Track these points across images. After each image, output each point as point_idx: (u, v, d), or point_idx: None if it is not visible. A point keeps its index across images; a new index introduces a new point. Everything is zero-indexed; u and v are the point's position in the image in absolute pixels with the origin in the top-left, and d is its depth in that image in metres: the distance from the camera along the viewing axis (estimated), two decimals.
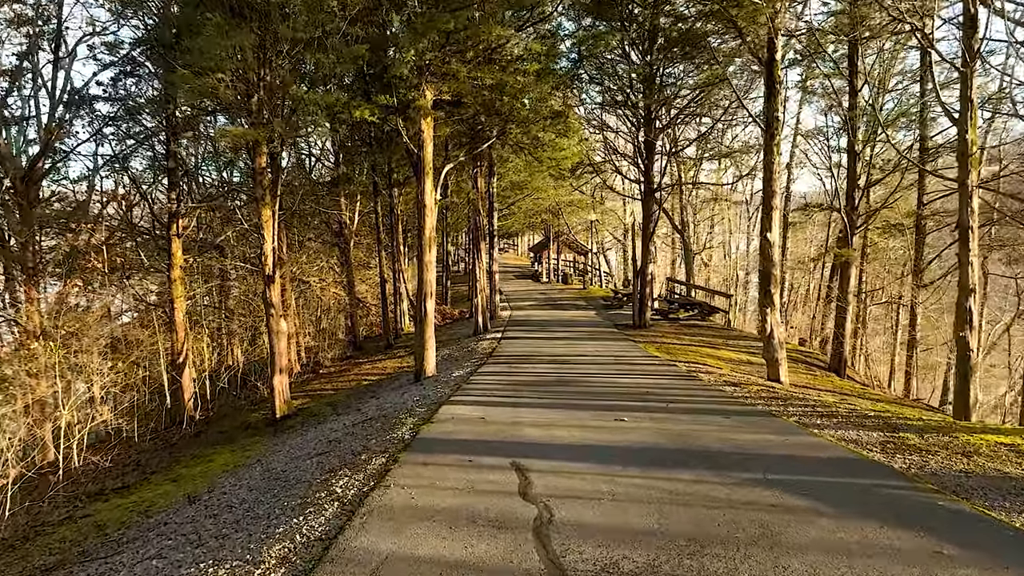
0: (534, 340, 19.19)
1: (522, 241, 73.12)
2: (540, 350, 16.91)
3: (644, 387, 11.03)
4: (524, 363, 14.64)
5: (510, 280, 42.63)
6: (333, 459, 7.57)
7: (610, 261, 47.71)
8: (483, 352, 17.54)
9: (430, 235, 14.45)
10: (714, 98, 21.31)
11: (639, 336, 20.12)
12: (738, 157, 27.67)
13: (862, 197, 17.04)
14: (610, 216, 42.00)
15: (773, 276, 12.88)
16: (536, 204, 36.51)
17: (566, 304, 29.43)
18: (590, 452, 6.83)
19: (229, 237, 23.46)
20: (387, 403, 12.24)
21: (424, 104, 12.60)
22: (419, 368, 14.79)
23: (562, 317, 25.16)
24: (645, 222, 21.86)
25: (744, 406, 9.36)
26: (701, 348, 18.32)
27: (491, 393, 10.92)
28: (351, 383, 17.76)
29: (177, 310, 17.58)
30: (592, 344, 18.04)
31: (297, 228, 27.12)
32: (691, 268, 30.58)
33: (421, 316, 14.63)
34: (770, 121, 12.63)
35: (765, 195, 12.84)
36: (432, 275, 14.63)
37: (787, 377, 13.05)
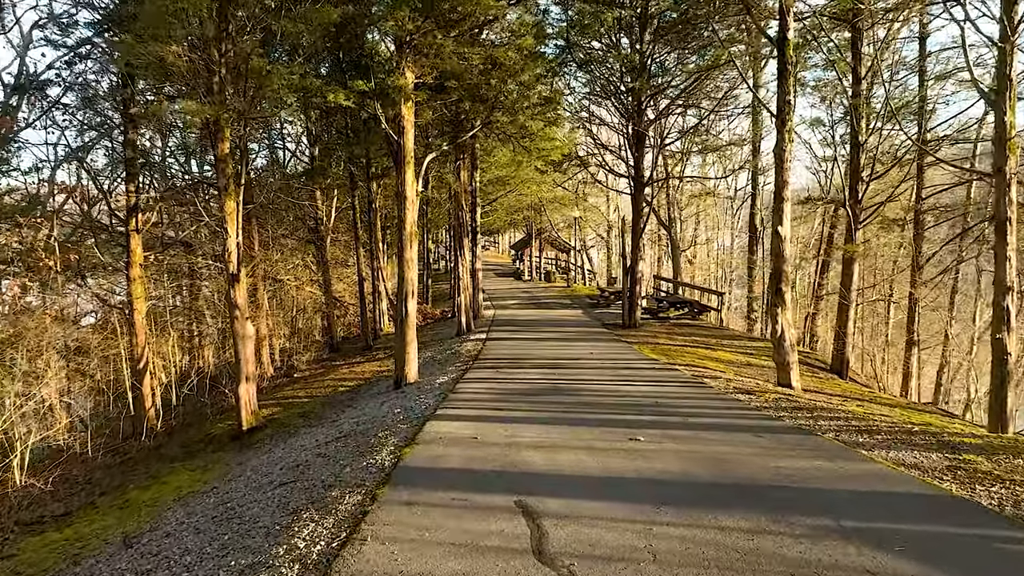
0: (521, 341, 17.95)
1: (503, 239, 71.81)
2: (529, 352, 15.67)
3: (650, 396, 9.83)
4: (513, 368, 13.37)
5: (492, 278, 41.34)
6: (299, 494, 6.23)
7: (592, 259, 46.61)
8: (468, 355, 16.25)
9: (411, 229, 13.11)
10: (706, 88, 20.22)
11: (631, 336, 18.97)
12: (726, 151, 26.76)
13: (866, 190, 16.01)
14: (593, 213, 40.88)
15: (784, 274, 11.75)
16: (519, 200, 35.27)
17: (551, 303, 28.22)
18: (610, 485, 5.59)
19: (197, 233, 21.88)
20: (365, 415, 10.89)
21: (404, 84, 11.26)
22: (400, 374, 13.46)
23: (548, 316, 23.94)
24: (635, 217, 20.71)
25: (770, 419, 8.19)
26: (697, 349, 17.21)
27: (481, 405, 9.64)
28: (327, 389, 16.35)
29: (137, 311, 16.01)
30: (583, 345, 16.83)
31: (271, 224, 25.54)
32: (678, 265, 29.55)
33: (402, 317, 13.29)
34: (782, 106, 11.47)
35: (777, 186, 11.69)
36: (414, 273, 13.30)
37: (799, 382, 11.94)
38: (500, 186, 31.48)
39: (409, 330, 13.29)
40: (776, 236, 11.76)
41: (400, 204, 13.06)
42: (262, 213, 25.72)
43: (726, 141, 26.01)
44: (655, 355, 15.38)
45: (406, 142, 12.82)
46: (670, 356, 15.48)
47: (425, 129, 17.38)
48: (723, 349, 17.71)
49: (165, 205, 20.25)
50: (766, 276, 28.54)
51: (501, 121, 14.51)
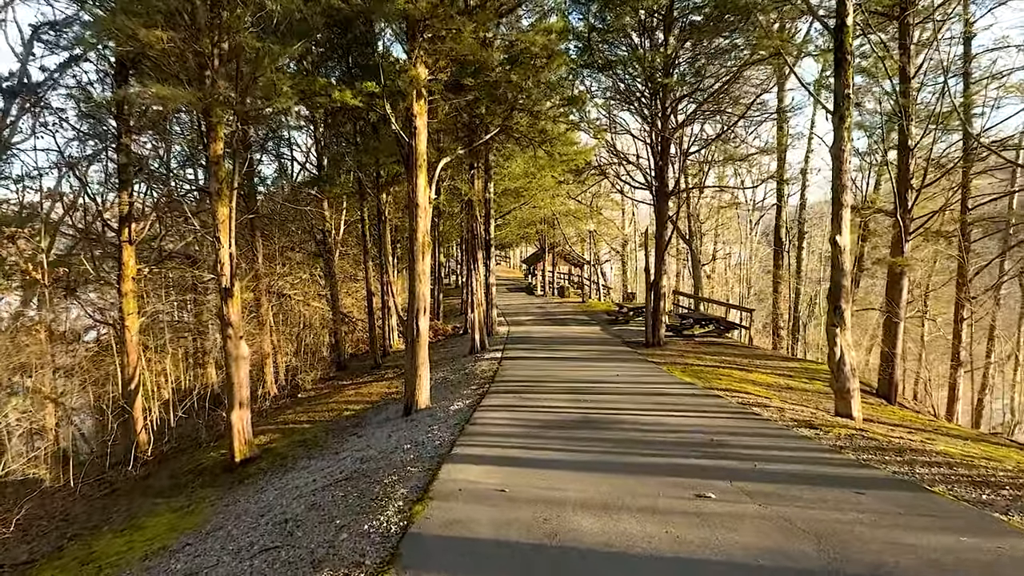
0: (539, 361, 16.50)
1: (515, 253, 70.45)
2: (549, 374, 14.22)
3: (701, 430, 8.36)
4: (534, 392, 11.92)
5: (504, 293, 39.92)
6: (280, 570, 4.79)
7: (606, 274, 45.16)
8: (483, 376, 14.82)
9: (423, 240, 11.74)
10: (733, 93, 18.83)
11: (656, 356, 17.48)
12: (752, 160, 25.35)
13: (916, 198, 14.51)
14: (608, 226, 39.45)
15: (844, 289, 10.25)
16: (532, 214, 33.92)
17: (567, 319, 26.75)
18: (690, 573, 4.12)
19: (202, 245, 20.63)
20: (370, 448, 9.46)
21: (416, 76, 9.92)
22: (410, 399, 12.03)
23: (565, 333, 22.46)
24: (659, 229, 19.28)
25: (855, 465, 6.69)
26: (731, 371, 15.69)
27: (504, 440, 8.18)
28: (331, 413, 14.92)
29: (128, 328, 14.67)
30: (608, 366, 15.37)
31: (276, 237, 24.28)
32: (699, 280, 28.05)
33: (413, 336, 11.89)
34: (840, 101, 10.05)
35: (835, 191, 10.23)
36: (426, 287, 11.91)
37: (860, 411, 10.41)
38: (514, 198, 30.15)
39: (421, 350, 11.88)
40: (835, 247, 10.27)
41: (411, 212, 11.71)
42: (267, 225, 24.50)
43: (753, 149, 24.61)
44: (688, 378, 13.90)
45: (418, 144, 11.49)
46: (705, 379, 13.99)
47: (438, 134, 16.06)
48: (758, 370, 16.18)
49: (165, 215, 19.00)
50: (792, 291, 27.01)
51: (521, 124, 13.15)
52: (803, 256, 26.31)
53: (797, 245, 26.29)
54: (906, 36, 14.41)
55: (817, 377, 16.19)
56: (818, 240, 28.98)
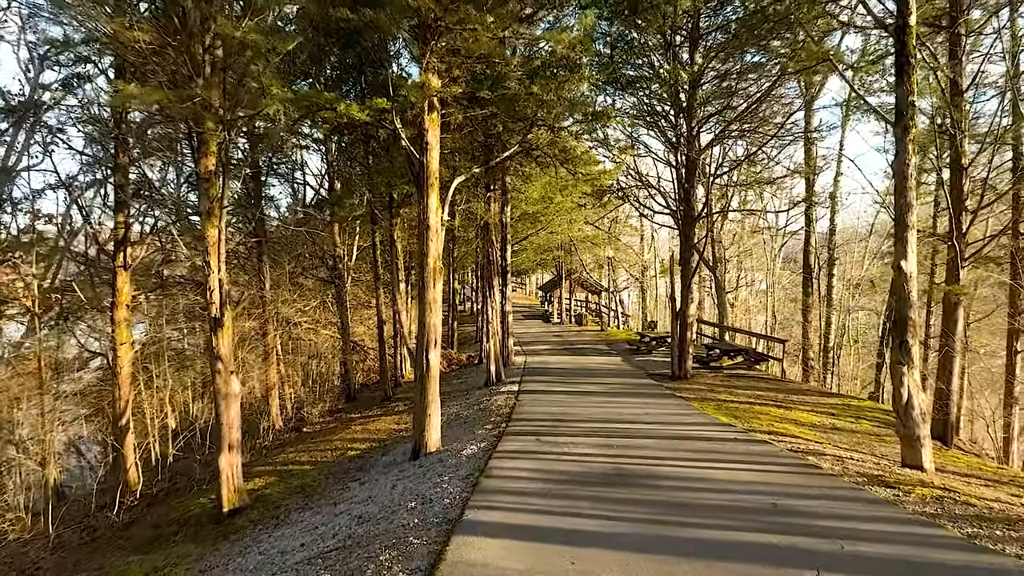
0: (560, 395, 15.17)
1: (531, 280, 69.26)
2: (571, 411, 12.89)
3: (757, 489, 7.00)
4: (556, 433, 10.60)
5: (520, 321, 38.64)
6: None
7: (624, 301, 43.74)
8: (500, 412, 13.53)
9: (435, 264, 10.56)
10: (763, 112, 17.65)
11: (684, 390, 16.08)
12: (782, 183, 24.10)
13: (972, 222, 13.14)
14: (626, 253, 38.16)
15: (911, 322, 8.89)
16: (549, 240, 32.76)
17: (586, 349, 25.37)
18: None
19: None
20: (371, 503, 8.18)
21: (428, 83, 8.83)
22: (419, 441, 10.75)
23: (585, 364, 21.09)
24: (684, 255, 18.01)
25: (967, 547, 5.30)
26: (768, 408, 14.24)
27: (525, 502, 6.86)
28: (334, 452, 13.65)
29: (121, 358, 13.58)
30: (634, 402, 14.02)
31: (287, 263, 23.28)
32: (724, 308, 26.59)
33: (423, 371, 10.65)
34: (903, 110, 8.81)
35: (898, 211, 8.94)
36: (437, 317, 10.69)
37: (932, 462, 8.97)
38: (531, 223, 29.05)
39: (431, 387, 10.63)
40: (899, 274, 8.94)
41: (422, 234, 10.56)
42: (277, 250, 23.54)
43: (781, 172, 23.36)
44: (724, 417, 12.50)
45: (430, 162, 10.38)
46: (742, 419, 12.58)
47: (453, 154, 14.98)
48: (797, 408, 14.72)
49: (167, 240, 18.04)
50: (822, 321, 25.48)
51: (541, 141, 12.01)
52: (833, 283, 24.84)
53: (827, 272, 24.84)
54: (957, 46, 13.19)
55: (863, 415, 14.70)
56: (848, 267, 27.50)
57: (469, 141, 13.78)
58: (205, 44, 8.60)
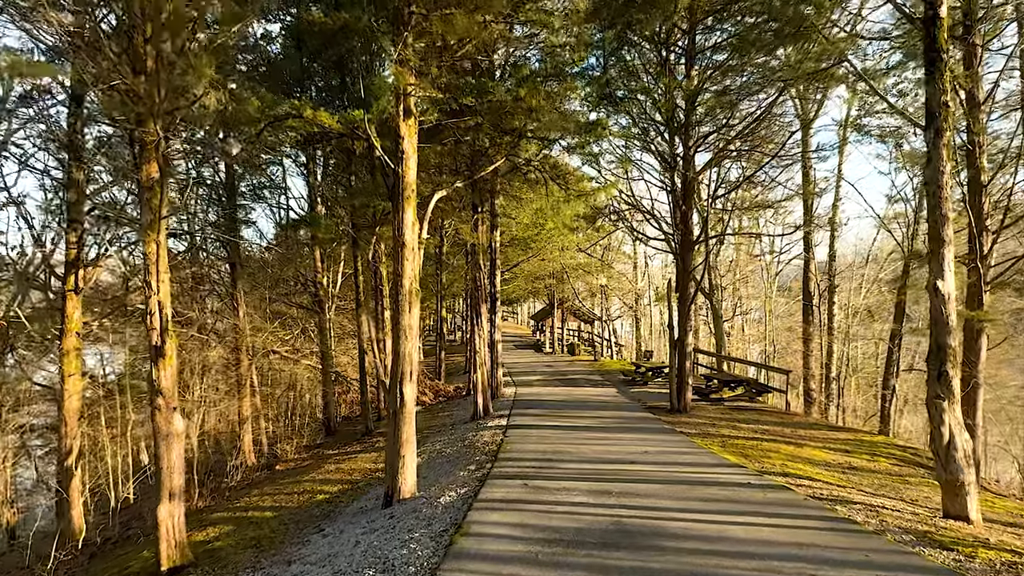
0: (551, 431, 13.86)
1: (522, 309, 67.95)
2: (564, 449, 11.59)
3: (786, 553, 5.73)
4: (547, 477, 9.29)
5: (511, 351, 37.28)
6: None
7: (617, 330, 42.49)
8: (485, 450, 12.21)
9: (411, 287, 9.34)
10: (763, 132, 16.74)
11: (685, 424, 14.81)
12: (780, 208, 23.11)
13: (994, 243, 12.08)
14: (619, 281, 37.03)
15: (950, 350, 7.70)
16: (540, 267, 31.65)
17: (579, 379, 24.05)
18: None
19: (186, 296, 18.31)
20: (327, 566, 6.82)
21: (400, 76, 7.72)
22: (391, 485, 9.40)
23: (578, 396, 19.77)
24: (682, 281, 16.89)
25: None
26: (777, 444, 12.97)
27: (508, 571, 5.54)
28: (302, 496, 12.23)
29: (68, 391, 12.20)
30: (632, 438, 12.73)
31: (267, 289, 22.00)
32: (722, 338, 25.40)
33: (397, 406, 9.36)
34: (934, 110, 7.77)
35: (933, 225, 7.83)
36: (413, 345, 9.43)
37: (979, 512, 7.71)
38: (522, 250, 27.96)
39: (406, 424, 9.32)
40: (935, 296, 7.78)
41: (397, 253, 9.36)
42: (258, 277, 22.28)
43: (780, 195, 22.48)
44: (732, 456, 11.23)
45: (406, 172, 9.24)
46: (752, 458, 11.31)
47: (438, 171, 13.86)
48: (807, 444, 13.46)
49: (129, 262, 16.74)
50: (823, 350, 24.31)
51: (529, 154, 10.92)
52: (835, 311, 23.74)
53: (828, 299, 23.75)
54: (972, 57, 12.29)
55: (878, 452, 13.43)
56: (848, 294, 26.41)
57: (453, 157, 12.68)
58: (148, 34, 7.48)
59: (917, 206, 18.69)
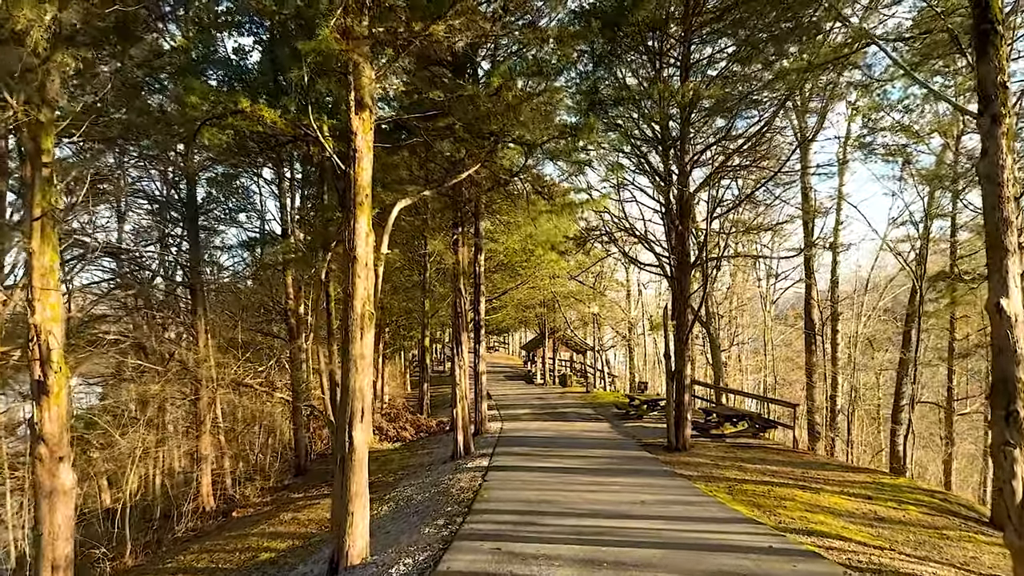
0: (536, 473, 12.17)
1: (513, 339, 66.08)
2: (549, 496, 9.90)
3: None
4: (526, 539, 7.58)
5: (501, 382, 35.46)
6: None
7: (611, 361, 40.70)
8: (460, 499, 10.48)
9: (363, 309, 7.73)
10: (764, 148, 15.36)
11: (686, 465, 13.11)
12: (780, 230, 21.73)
13: None
14: (612, 310, 35.41)
15: (1020, 385, 6.10)
16: (530, 295, 30.04)
17: (570, 413, 22.27)
18: None
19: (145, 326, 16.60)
20: None
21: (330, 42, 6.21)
22: (337, 549, 7.67)
23: (569, 432, 18.02)
24: (679, 308, 15.31)
25: None
26: (792, 491, 11.25)
27: None
28: (246, 552, 10.42)
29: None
30: (627, 484, 11.03)
31: (236, 318, 20.33)
32: (720, 369, 23.73)
33: (344, 453, 7.70)
34: (990, 93, 6.32)
35: (992, 230, 6.31)
36: (365, 379, 7.78)
37: None
38: (510, 277, 26.37)
39: (355, 475, 7.63)
40: (998, 318, 6.21)
41: (348, 269, 7.77)
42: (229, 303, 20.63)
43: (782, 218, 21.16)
44: (743, 507, 9.54)
45: (359, 173, 7.70)
46: (765, 508, 9.64)
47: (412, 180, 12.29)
48: (824, 488, 11.73)
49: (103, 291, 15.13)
50: (827, 382, 22.66)
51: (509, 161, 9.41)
52: (838, 340, 22.17)
53: (831, 328, 22.19)
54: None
55: (902, 498, 11.69)
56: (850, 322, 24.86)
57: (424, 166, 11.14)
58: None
59: (927, 226, 17.28)
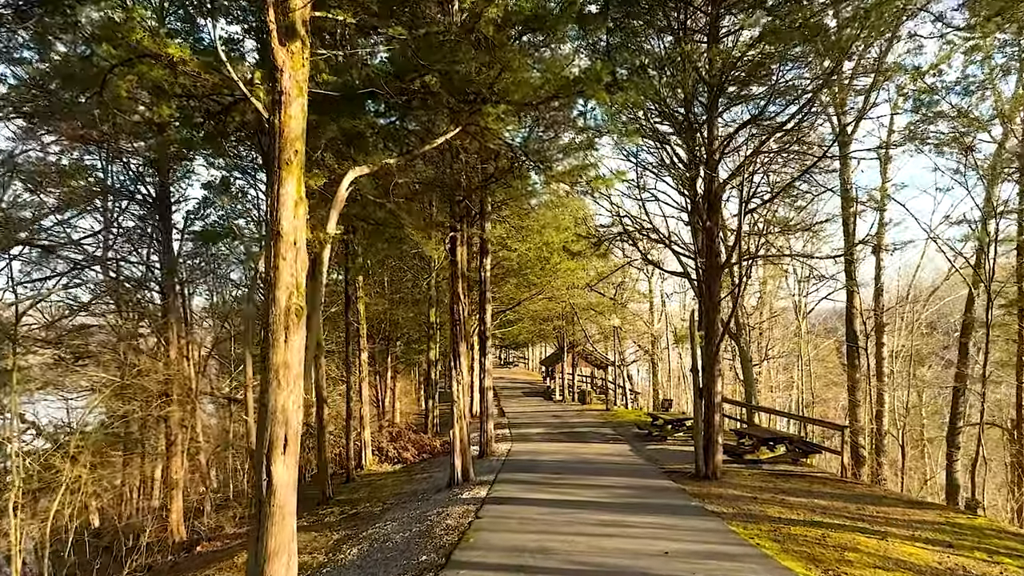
0: (540, 508, 9.99)
1: (533, 354, 63.59)
2: (551, 544, 7.73)
3: None
4: None
5: (519, 398, 33.13)
6: None
7: (632, 376, 38.07)
8: (441, 542, 8.36)
9: (288, 303, 5.64)
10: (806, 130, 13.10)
11: (717, 499, 10.77)
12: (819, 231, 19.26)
13: None
14: (634, 323, 32.96)
15: None
16: (547, 307, 27.86)
17: (587, 432, 19.91)
18: None
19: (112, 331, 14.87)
20: None
21: None
22: None
23: (584, 455, 15.70)
24: (709, 315, 13.06)
25: None
26: (855, 536, 8.81)
27: None
28: None
29: None
30: (647, 524, 8.79)
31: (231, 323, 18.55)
32: (751, 385, 21.17)
33: (262, 496, 5.57)
34: None
35: None
36: (290, 397, 5.66)
37: None
38: (526, 288, 24.23)
39: (274, 525, 5.50)
40: None
41: (271, 247, 5.72)
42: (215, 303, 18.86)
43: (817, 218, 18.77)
44: (794, 562, 7.26)
45: (285, 122, 5.67)
46: (823, 563, 7.35)
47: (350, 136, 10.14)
48: (891, 530, 9.24)
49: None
50: (872, 400, 19.96)
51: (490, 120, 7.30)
52: (884, 354, 19.49)
53: (876, 340, 19.53)
54: None
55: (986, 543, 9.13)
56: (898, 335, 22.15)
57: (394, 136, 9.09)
58: None
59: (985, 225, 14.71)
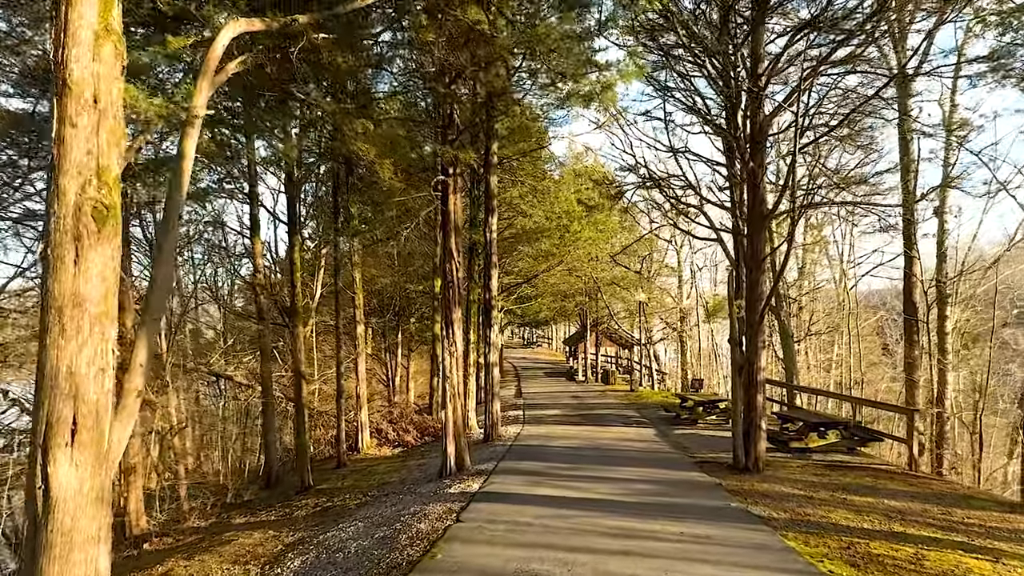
0: (541, 507, 7.71)
1: (556, 335, 61.00)
2: (542, 568, 5.32)
3: None
4: None
5: (540, 378, 30.77)
6: None
7: (660, 356, 35.27)
8: (400, 557, 6.19)
9: (81, 198, 3.33)
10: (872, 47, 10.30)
11: (763, 499, 8.28)
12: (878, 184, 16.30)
13: None
14: (661, 299, 30.20)
15: None
16: (567, 281, 25.31)
17: (608, 415, 17.44)
18: None
19: None
20: None
21: None
22: None
23: (601, 441, 13.27)
24: (752, 275, 10.47)
25: None
26: (957, 556, 6.22)
27: None
28: None
29: None
30: (674, 539, 6.39)
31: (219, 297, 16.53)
32: (793, 365, 18.43)
33: (38, 514, 3.28)
34: None
35: None
36: (83, 352, 3.37)
37: None
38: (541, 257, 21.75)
39: (53, 566, 3.23)
40: None
41: (56, 104, 3.41)
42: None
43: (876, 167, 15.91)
44: None
45: None
46: None
47: None
48: (1000, 548, 6.61)
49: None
50: (933, 381, 16.99)
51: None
52: (946, 328, 16.52)
53: (939, 314, 16.54)
54: None
55: None
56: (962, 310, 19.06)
57: None
58: None
59: None
